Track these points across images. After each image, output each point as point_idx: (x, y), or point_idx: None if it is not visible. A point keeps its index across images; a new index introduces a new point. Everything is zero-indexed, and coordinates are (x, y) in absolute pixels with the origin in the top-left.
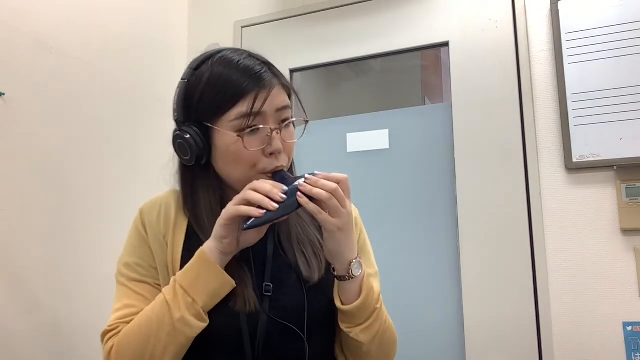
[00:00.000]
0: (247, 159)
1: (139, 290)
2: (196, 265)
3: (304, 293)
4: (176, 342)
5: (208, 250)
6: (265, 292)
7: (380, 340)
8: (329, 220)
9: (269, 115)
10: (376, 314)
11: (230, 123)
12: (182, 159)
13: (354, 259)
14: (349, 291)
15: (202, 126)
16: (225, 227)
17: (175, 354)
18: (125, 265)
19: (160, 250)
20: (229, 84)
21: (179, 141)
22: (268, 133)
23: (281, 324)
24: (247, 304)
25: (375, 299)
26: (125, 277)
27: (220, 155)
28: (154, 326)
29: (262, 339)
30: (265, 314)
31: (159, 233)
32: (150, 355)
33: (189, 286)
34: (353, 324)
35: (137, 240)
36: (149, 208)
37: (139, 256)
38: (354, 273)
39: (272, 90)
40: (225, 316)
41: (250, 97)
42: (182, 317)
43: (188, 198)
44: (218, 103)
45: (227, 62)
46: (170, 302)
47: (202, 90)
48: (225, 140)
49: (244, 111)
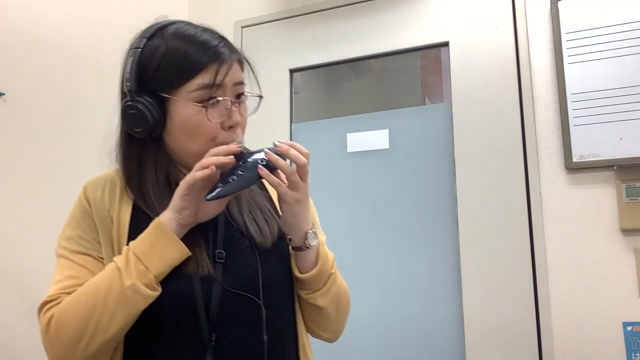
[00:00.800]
0: (207, 131)
1: (82, 262)
2: (152, 234)
3: (257, 258)
4: (125, 310)
5: (165, 220)
6: (218, 259)
7: (337, 302)
8: (289, 193)
9: (228, 89)
10: (332, 278)
11: (190, 94)
12: (133, 131)
13: (309, 230)
14: (306, 260)
15: (156, 97)
16: (185, 198)
17: (123, 323)
18: (67, 239)
19: (104, 226)
20: (189, 57)
21: (131, 111)
22: (227, 106)
23: (236, 289)
24: (200, 268)
25: (330, 265)
26: (67, 250)
27: (178, 128)
28: (102, 294)
29: (216, 306)
30: (218, 282)
31: (103, 208)
32: (95, 323)
33: (142, 254)
34: (312, 290)
35: (80, 214)
36: (93, 184)
37: (83, 229)
38: (310, 243)
39: (231, 64)
40: (178, 281)
41: (212, 69)
42: (133, 284)
43: (133, 174)
44: (177, 74)
45: (184, 34)
46: (122, 269)
47: (159, 61)
48: (184, 112)
49: (205, 82)
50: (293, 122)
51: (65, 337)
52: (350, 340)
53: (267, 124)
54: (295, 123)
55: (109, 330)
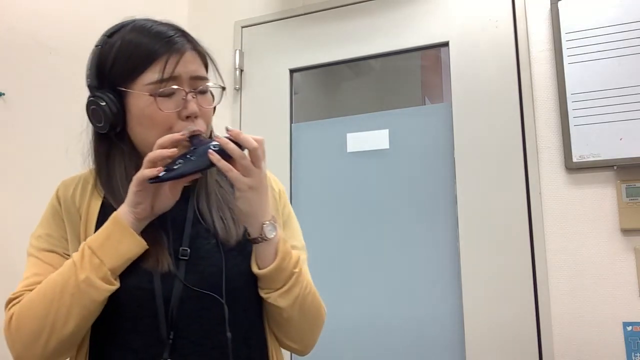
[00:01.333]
0: (162, 121)
1: (47, 259)
2: (107, 227)
3: (222, 257)
4: (81, 304)
5: (122, 213)
6: (182, 257)
7: (301, 306)
8: (240, 179)
9: (184, 80)
10: (294, 278)
11: (145, 86)
12: (95, 127)
13: (267, 221)
14: (264, 254)
15: (115, 92)
16: (138, 194)
17: (80, 318)
18: (36, 238)
19: (72, 222)
20: (141, 48)
21: (92, 107)
22: (183, 96)
23: (198, 287)
24: (160, 265)
25: (293, 263)
26: (35, 248)
27: (136, 120)
28: (58, 289)
29: (176, 304)
30: (180, 279)
31: (73, 206)
32: (53, 319)
33: (97, 247)
34: (271, 289)
35: (50, 213)
36: (66, 184)
37: (51, 228)
38: (266, 235)
39: (184, 53)
40: (137, 277)
41: (162, 60)
42: (87, 277)
43: (102, 169)
44: (131, 66)
45: (140, 28)
46: (77, 264)
47: (115, 56)
48: (139, 103)
49: (156, 74)
50: (293, 122)
51: (24, 334)
52: (350, 340)
53: (267, 124)
54: (295, 123)
55: (66, 326)
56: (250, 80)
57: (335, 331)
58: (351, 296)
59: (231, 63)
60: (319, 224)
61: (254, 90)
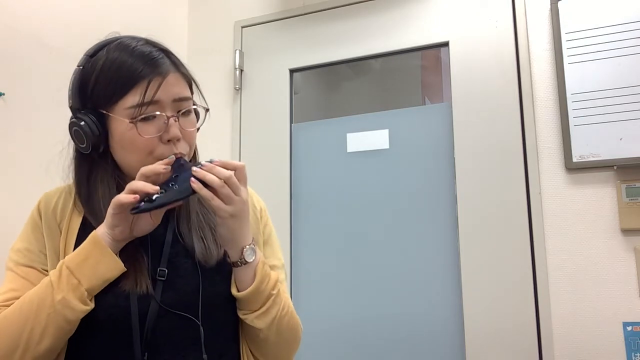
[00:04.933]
0: (142, 146)
1: (24, 274)
2: (86, 247)
3: (200, 277)
4: (56, 324)
5: (100, 234)
6: (159, 277)
7: (278, 327)
8: (222, 207)
9: (166, 104)
10: (272, 300)
11: (125, 110)
12: (79, 147)
13: (247, 245)
14: (243, 277)
15: (97, 113)
16: (115, 217)
17: (55, 337)
18: (15, 251)
19: (52, 237)
20: (123, 70)
21: (74, 129)
22: (165, 120)
23: (175, 307)
24: (139, 286)
25: (271, 285)
26: (14, 262)
27: (117, 143)
28: (34, 307)
29: (151, 323)
30: (155, 300)
31: (54, 220)
32: (27, 337)
33: (75, 267)
34: (249, 310)
35: (31, 227)
36: (48, 197)
37: (30, 242)
38: (246, 259)
39: (166, 76)
40: (115, 297)
41: (144, 83)
42: (64, 298)
43: (82, 188)
44: (112, 89)
45: (123, 47)
46: (54, 283)
47: (97, 77)
48: (120, 128)
49: (137, 98)
50: (293, 122)
51: None
52: (350, 340)
53: (267, 124)
54: (295, 123)
55: (40, 345)
56: (250, 80)
57: (335, 331)
58: (351, 296)
59: (231, 63)
60: (318, 224)
61: (254, 90)
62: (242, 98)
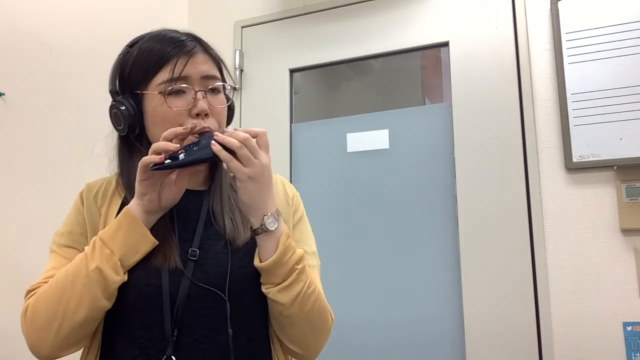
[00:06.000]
0: (172, 119)
1: (66, 254)
2: (118, 219)
3: (229, 258)
4: (91, 293)
5: (131, 207)
6: (191, 257)
7: (302, 306)
8: (240, 169)
9: (194, 80)
10: (296, 274)
11: (157, 87)
12: (116, 129)
13: (268, 212)
14: (265, 247)
15: (133, 95)
16: (142, 184)
17: (90, 307)
18: (58, 235)
19: (92, 220)
20: (154, 53)
21: (113, 111)
22: (193, 95)
23: (203, 288)
24: (168, 261)
25: (294, 259)
26: (57, 245)
27: (151, 120)
28: (70, 279)
29: (182, 301)
30: (187, 276)
31: (95, 205)
32: (64, 308)
33: (108, 238)
34: (271, 283)
35: (73, 212)
36: (91, 185)
37: (72, 225)
38: (267, 226)
39: (193, 55)
40: (146, 274)
41: (172, 62)
42: (97, 267)
43: (124, 169)
44: (145, 70)
45: (154, 36)
46: (88, 254)
47: (133, 62)
48: (152, 103)
49: (167, 75)
50: (293, 122)
51: (37, 323)
52: (350, 340)
53: (267, 124)
54: (295, 123)
55: (77, 315)
56: (250, 80)
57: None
58: (351, 296)
59: (231, 63)
60: (318, 224)
61: (254, 90)
62: (242, 98)
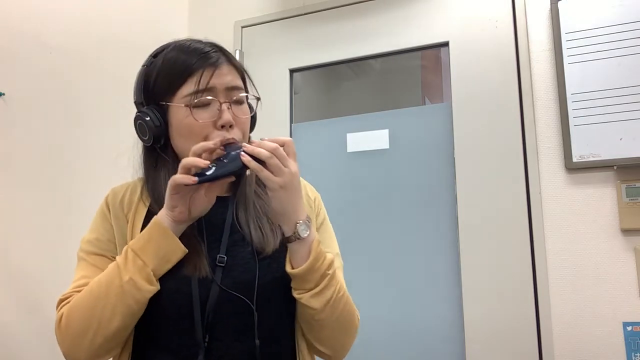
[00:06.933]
0: (198, 131)
1: (95, 262)
2: (148, 230)
3: (257, 265)
4: (125, 304)
5: (161, 217)
6: (219, 263)
7: (334, 309)
8: (271, 178)
9: (219, 91)
10: (327, 279)
11: (182, 99)
12: (142, 140)
13: (300, 220)
14: (297, 254)
15: (158, 106)
16: (173, 197)
17: (124, 317)
18: (86, 242)
19: (120, 227)
20: (178, 64)
21: (138, 122)
22: (218, 107)
23: (232, 294)
24: (198, 270)
25: (326, 265)
26: (85, 252)
27: (176, 131)
28: (103, 289)
29: (212, 308)
30: (217, 283)
31: (121, 211)
32: (98, 318)
33: (140, 249)
34: (304, 289)
35: (100, 218)
36: (116, 190)
37: (99, 232)
38: (300, 234)
39: (218, 66)
40: (177, 281)
41: (198, 73)
42: (131, 278)
43: (149, 180)
44: (170, 82)
45: (179, 47)
46: (121, 265)
47: (157, 73)
48: (178, 115)
49: (192, 87)
50: (293, 122)
51: (72, 332)
52: None
53: (267, 124)
54: (295, 123)
55: (111, 324)
56: None
57: None
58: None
59: None
60: None
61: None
62: None
